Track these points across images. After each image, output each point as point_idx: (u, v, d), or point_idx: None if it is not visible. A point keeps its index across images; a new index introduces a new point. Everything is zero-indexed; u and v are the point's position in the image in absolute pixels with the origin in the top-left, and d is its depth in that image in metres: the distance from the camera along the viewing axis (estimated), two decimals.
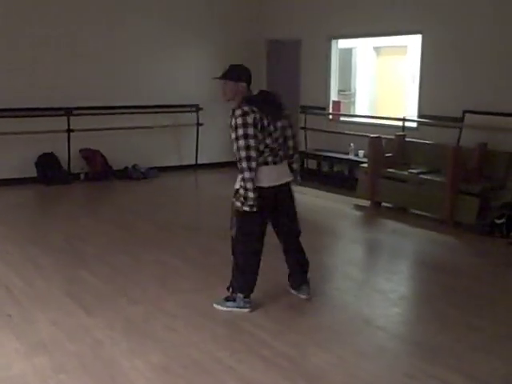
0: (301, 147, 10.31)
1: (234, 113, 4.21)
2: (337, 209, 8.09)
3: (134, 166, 9.98)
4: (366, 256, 6.53)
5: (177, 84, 10.23)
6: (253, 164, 4.19)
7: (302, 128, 10.25)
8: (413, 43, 9.50)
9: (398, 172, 7.80)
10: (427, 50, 8.43)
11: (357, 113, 10.70)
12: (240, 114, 4.17)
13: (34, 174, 9.26)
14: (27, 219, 7.41)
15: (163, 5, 10.15)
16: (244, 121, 4.15)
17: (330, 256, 6.31)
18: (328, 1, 9.86)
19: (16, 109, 8.89)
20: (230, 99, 4.37)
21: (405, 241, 6.76)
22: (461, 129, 7.88)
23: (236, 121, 4.18)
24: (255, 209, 4.23)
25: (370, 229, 7.49)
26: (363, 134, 8.84)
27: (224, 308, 4.50)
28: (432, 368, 3.69)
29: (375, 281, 5.45)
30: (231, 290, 4.54)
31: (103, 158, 9.76)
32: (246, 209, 4.23)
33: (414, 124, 8.70)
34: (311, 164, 10.00)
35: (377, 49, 11.15)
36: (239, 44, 10.91)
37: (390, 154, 8.08)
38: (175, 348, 3.91)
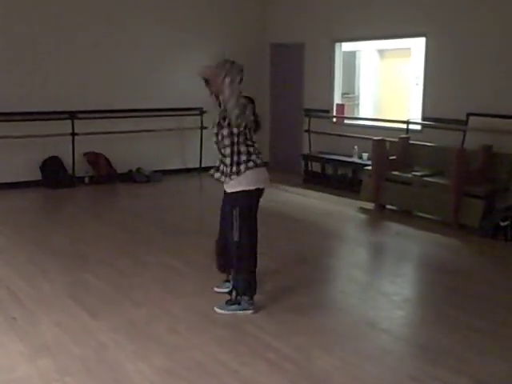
0: (305, 150, 10.35)
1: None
2: (341, 211, 8.08)
3: (138, 170, 10.00)
4: (371, 259, 6.52)
5: (181, 87, 10.24)
6: None
7: (306, 131, 10.26)
8: (417, 46, 9.49)
9: (402, 174, 7.79)
10: (431, 53, 8.43)
11: (361, 115, 10.69)
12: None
13: (39, 178, 9.28)
14: (32, 222, 7.42)
15: (167, 9, 10.17)
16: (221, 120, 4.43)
17: (335, 259, 6.30)
18: (331, 4, 9.87)
19: (21, 113, 8.91)
20: (218, 94, 4.64)
21: (409, 243, 6.75)
22: (465, 131, 7.87)
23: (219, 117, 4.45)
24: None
25: (374, 231, 7.48)
26: (367, 137, 8.83)
27: (227, 312, 4.50)
28: (436, 370, 3.68)
29: (379, 283, 5.44)
30: (235, 294, 4.54)
31: (107, 162, 9.78)
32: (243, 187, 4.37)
33: (418, 126, 8.69)
34: (315, 167, 9.99)
35: (381, 51, 11.14)
36: (243, 48, 10.90)
37: (394, 157, 8.07)
38: (179, 351, 3.90)
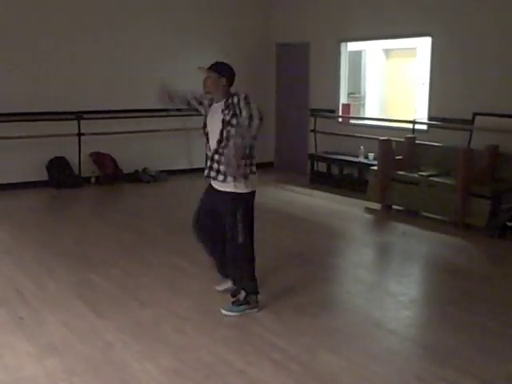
0: (310, 150, 10.34)
1: (237, 93, 4.43)
2: (347, 211, 8.07)
3: (144, 170, 10.01)
4: (377, 259, 6.52)
5: (187, 87, 10.21)
6: None
7: (312, 131, 10.25)
8: (422, 45, 9.48)
9: (408, 174, 7.77)
10: (437, 52, 8.42)
11: (366, 115, 10.68)
12: (247, 95, 4.39)
13: (46, 178, 9.31)
14: (38, 222, 7.44)
15: (173, 9, 10.17)
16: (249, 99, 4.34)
17: (340, 259, 6.30)
18: (337, 4, 9.86)
19: (27, 113, 8.94)
20: (210, 92, 4.57)
21: (415, 243, 6.73)
22: (471, 131, 7.85)
23: (245, 95, 4.37)
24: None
25: (381, 232, 7.47)
26: (373, 137, 8.83)
27: (236, 313, 4.47)
28: (442, 371, 3.67)
29: (386, 284, 5.44)
30: (244, 294, 4.51)
31: (113, 162, 9.79)
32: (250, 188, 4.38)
33: (424, 126, 8.68)
34: (321, 167, 9.99)
35: (386, 51, 11.14)
36: (249, 48, 10.94)
37: (400, 157, 8.05)
38: (185, 351, 3.91)
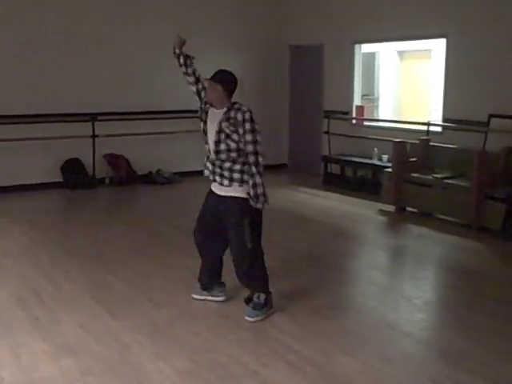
0: (324, 152, 10.33)
1: (241, 108, 4.27)
2: (361, 214, 8.06)
3: (158, 171, 10.05)
4: (391, 261, 6.50)
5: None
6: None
7: (326, 133, 10.25)
8: (437, 47, 9.44)
9: (423, 177, 7.75)
10: (452, 54, 8.38)
11: (380, 117, 10.66)
12: (250, 111, 4.26)
13: (60, 179, 9.38)
14: (53, 223, 7.50)
15: (187, 11, 10.20)
16: (253, 118, 4.26)
17: (355, 261, 6.29)
18: (351, 5, 9.85)
19: (43, 115, 9.02)
20: (213, 103, 4.40)
21: (430, 246, 6.71)
22: (486, 133, 7.81)
23: (250, 115, 4.23)
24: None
25: (395, 234, 7.45)
26: (387, 139, 8.80)
27: (263, 316, 4.43)
28: (457, 374, 3.66)
29: (400, 286, 5.43)
30: (264, 297, 4.46)
31: (127, 163, 9.85)
32: (265, 206, 4.30)
33: (439, 128, 8.64)
34: (335, 169, 9.97)
35: (400, 53, 11.11)
36: (262, 50, 10.96)
37: (415, 159, 8.03)
38: (200, 352, 3.92)
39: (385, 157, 9.02)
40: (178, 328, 4.31)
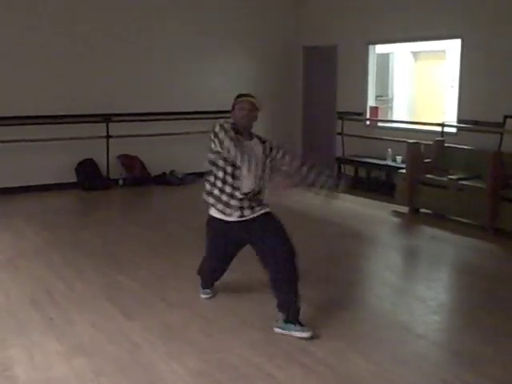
0: (338, 153, 10.30)
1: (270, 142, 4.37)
2: (375, 215, 8.02)
3: (172, 172, 10.07)
4: (405, 263, 6.46)
5: (214, 90, 10.28)
6: None
7: (339, 134, 10.21)
8: (452, 47, 9.37)
9: (437, 178, 7.69)
10: (467, 55, 8.32)
11: (394, 118, 10.60)
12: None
13: (74, 180, 9.42)
14: (67, 224, 7.53)
15: (199, 11, 10.21)
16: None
17: (369, 262, 6.26)
18: (365, 6, 9.81)
19: (57, 116, 9.07)
20: (246, 127, 4.20)
21: (444, 247, 6.66)
22: (502, 134, 7.74)
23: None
24: None
25: (409, 235, 7.40)
26: (401, 140, 8.75)
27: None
28: (471, 376, 3.62)
29: (414, 288, 5.39)
30: (296, 312, 4.21)
31: (141, 164, 9.87)
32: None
33: (454, 129, 8.58)
34: (348, 170, 9.94)
35: (415, 53, 11.03)
36: (276, 51, 10.94)
37: (429, 160, 7.98)
38: (212, 353, 3.91)
39: (399, 158, 8.97)
40: (191, 328, 4.30)
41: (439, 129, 8.63)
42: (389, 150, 9.19)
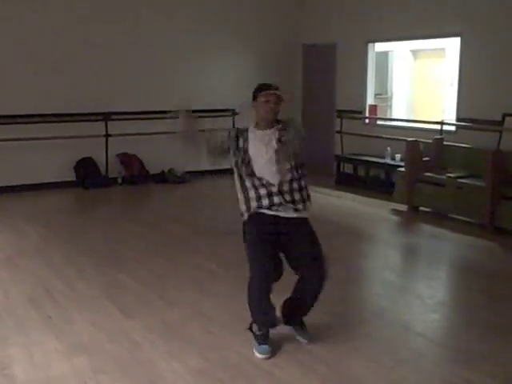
0: (337, 151, 10.30)
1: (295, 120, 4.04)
2: (374, 213, 8.02)
3: (171, 170, 10.07)
4: (404, 261, 6.46)
5: (213, 89, 10.27)
6: None
7: (338, 132, 10.21)
8: (451, 46, 9.37)
9: (436, 176, 7.69)
10: (466, 53, 8.31)
11: (394, 116, 10.59)
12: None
13: (73, 178, 9.42)
14: (66, 222, 7.53)
15: (201, 9, 10.21)
16: None
17: (368, 261, 6.26)
18: (364, 4, 9.80)
19: (56, 114, 9.07)
20: (270, 119, 3.95)
21: (443, 246, 6.66)
22: (501, 132, 7.75)
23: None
24: None
25: (408, 233, 7.41)
26: (400, 138, 8.75)
27: None
28: (471, 374, 3.63)
29: (414, 286, 5.39)
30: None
31: (140, 163, 9.87)
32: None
33: (453, 127, 8.58)
34: (347, 168, 9.94)
35: (414, 52, 11.03)
36: (276, 49, 10.92)
37: (428, 158, 7.98)
38: (212, 351, 3.91)
39: (398, 156, 8.96)
40: (191, 327, 4.30)
41: (438, 127, 8.63)
42: (388, 149, 9.19)
